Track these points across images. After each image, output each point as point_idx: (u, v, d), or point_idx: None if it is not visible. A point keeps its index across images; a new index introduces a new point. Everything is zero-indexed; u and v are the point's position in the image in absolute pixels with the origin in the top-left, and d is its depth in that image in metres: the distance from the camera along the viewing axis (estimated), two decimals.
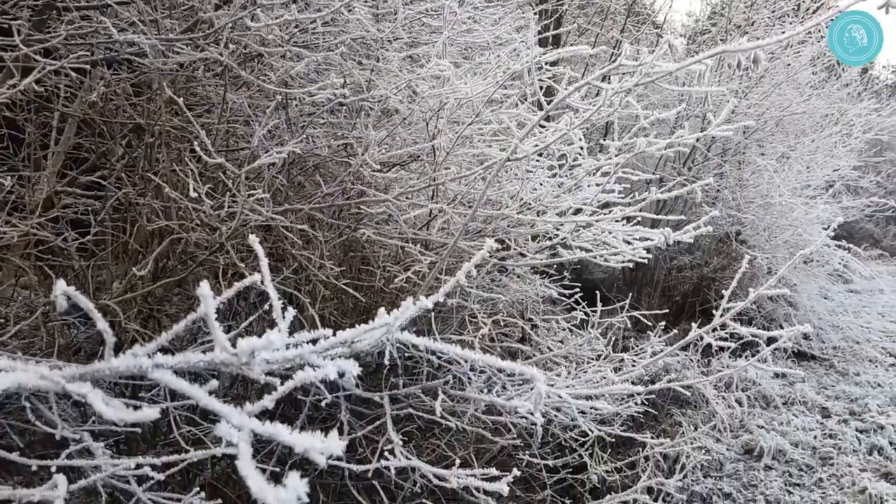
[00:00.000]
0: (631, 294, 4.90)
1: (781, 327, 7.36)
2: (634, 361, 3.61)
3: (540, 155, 3.43)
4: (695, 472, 5.14)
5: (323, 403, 2.57)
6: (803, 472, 5.10)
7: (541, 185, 3.30)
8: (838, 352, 7.85)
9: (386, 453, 2.37)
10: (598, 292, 4.10)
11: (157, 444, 2.89)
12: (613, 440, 4.27)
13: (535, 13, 6.15)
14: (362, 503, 2.88)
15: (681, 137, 3.29)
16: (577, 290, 4.31)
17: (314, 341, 1.31)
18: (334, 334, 1.32)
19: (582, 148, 3.24)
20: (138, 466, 1.71)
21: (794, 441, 5.53)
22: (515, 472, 2.05)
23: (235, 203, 2.56)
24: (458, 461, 2.35)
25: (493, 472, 2.12)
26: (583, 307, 4.24)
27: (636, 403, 4.29)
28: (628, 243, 3.15)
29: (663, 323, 4.22)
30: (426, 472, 2.27)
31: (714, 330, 3.13)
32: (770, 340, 3.78)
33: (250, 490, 0.81)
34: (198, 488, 2.03)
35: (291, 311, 1.41)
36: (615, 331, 4.64)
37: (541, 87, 3.24)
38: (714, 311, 3.08)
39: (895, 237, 16.66)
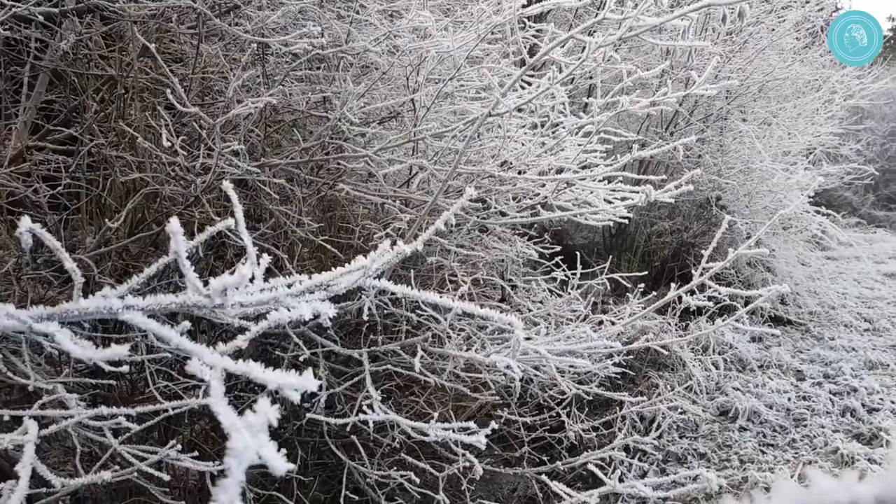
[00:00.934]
0: (611, 259, 4.91)
1: (759, 296, 7.43)
2: (613, 322, 3.63)
3: (520, 111, 3.40)
4: (671, 433, 5.22)
5: (301, 360, 2.56)
6: (777, 432, 5.19)
7: (522, 144, 3.27)
8: (814, 317, 7.96)
9: (365, 408, 2.37)
10: (578, 254, 4.10)
11: (135, 401, 2.87)
12: (591, 399, 4.32)
13: None
14: (342, 459, 2.89)
15: (664, 96, 3.27)
16: (558, 252, 4.32)
17: (290, 286, 1.29)
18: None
19: (564, 104, 3.20)
20: (113, 417, 1.69)
21: (768, 403, 5.62)
22: (494, 425, 2.06)
23: (211, 157, 2.51)
24: (436, 417, 2.36)
25: (472, 426, 2.13)
26: (563, 269, 4.25)
27: (614, 364, 4.33)
28: (609, 202, 3.14)
29: (642, 285, 4.25)
30: (405, 427, 2.28)
31: (692, 293, 3.15)
32: (747, 302, 3.82)
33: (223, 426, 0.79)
34: (174, 441, 2.01)
35: (267, 258, 1.39)
36: (595, 293, 4.66)
37: (525, 46, 3.20)
38: (693, 276, 3.09)
39: (873, 206, 16.84)
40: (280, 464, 0.70)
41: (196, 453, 2.02)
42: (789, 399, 5.72)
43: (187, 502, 2.81)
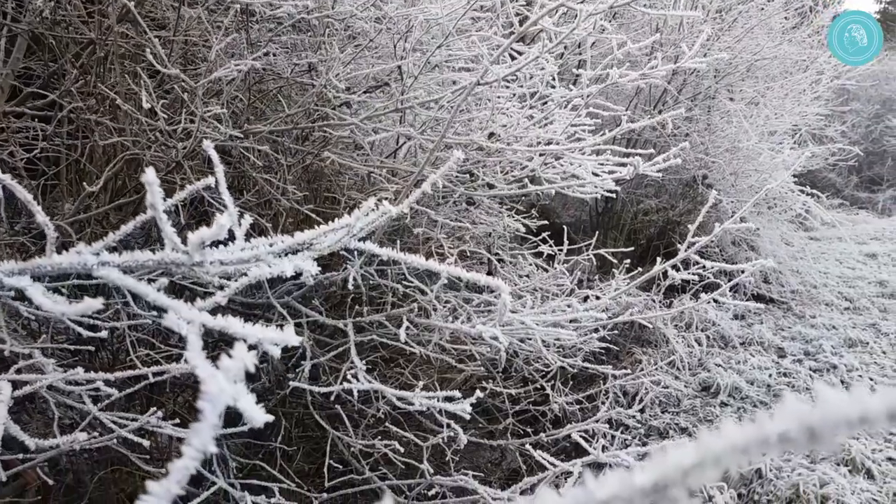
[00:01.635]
0: (597, 236, 4.91)
1: (742, 271, 7.48)
2: (598, 297, 3.63)
3: (509, 83, 3.36)
4: (653, 408, 5.26)
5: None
6: (757, 407, 5.24)
7: (510, 116, 3.23)
8: (796, 295, 8.03)
9: (350, 377, 2.35)
10: (565, 228, 4.09)
11: (115, 370, 2.84)
12: (575, 374, 4.33)
13: None
14: (326, 430, 2.88)
15: (654, 69, 3.24)
16: (545, 229, 4.31)
17: (271, 245, 1.26)
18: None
19: (553, 76, 3.17)
20: (90, 383, 1.66)
21: (749, 379, 5.67)
22: (479, 394, 2.05)
23: (193, 122, 2.46)
24: (421, 388, 2.35)
25: (457, 394, 2.12)
26: (550, 245, 4.25)
27: (599, 339, 4.34)
28: (596, 175, 3.12)
29: (628, 261, 4.25)
30: (390, 397, 2.26)
31: (677, 268, 3.15)
32: (731, 279, 3.83)
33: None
34: (155, 409, 1.99)
35: (248, 219, 1.35)
36: (581, 269, 4.66)
37: (516, 16, 3.15)
38: (679, 253, 3.10)
39: (856, 187, 16.95)
40: (258, 415, 0.68)
41: (178, 420, 2.00)
42: (770, 375, 5.77)
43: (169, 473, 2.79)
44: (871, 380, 5.62)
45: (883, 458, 4.29)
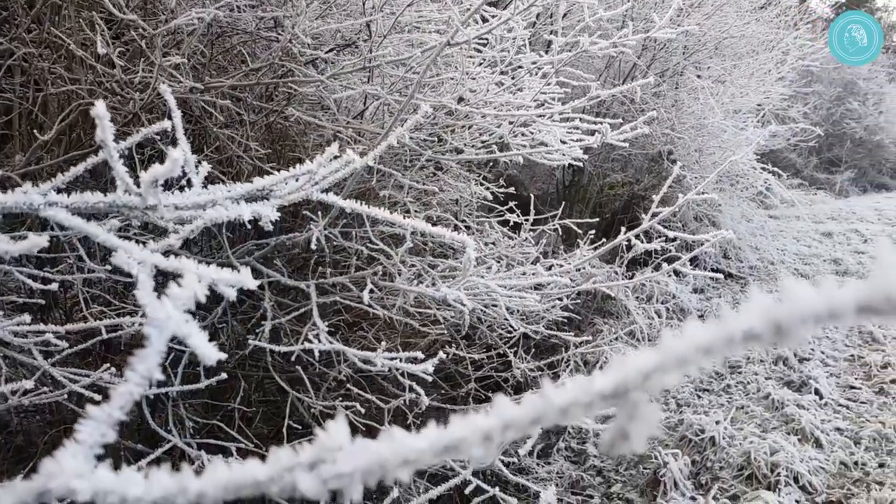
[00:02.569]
0: (564, 207, 4.92)
1: (702, 242, 7.60)
2: (563, 266, 3.64)
3: (480, 51, 3.31)
4: None
5: (245, 289, 2.49)
6: (713, 379, 5.36)
7: (480, 80, 3.19)
8: (754, 271, 8.20)
9: (311, 337, 2.33)
10: (532, 197, 4.08)
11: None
12: (537, 342, 4.36)
13: None
14: (287, 393, 2.85)
15: (624, 38, 3.23)
16: (512, 199, 4.30)
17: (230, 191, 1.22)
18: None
19: (524, 42, 3.14)
20: (40, 335, 1.60)
21: None
22: (441, 354, 2.04)
23: (151, 73, 2.37)
24: (383, 348, 2.33)
25: (419, 356, 2.11)
26: (517, 214, 4.25)
27: (561, 308, 4.37)
28: (564, 143, 3.11)
29: (593, 232, 4.27)
30: (351, 357, 2.24)
31: (639, 238, 3.17)
32: (692, 250, 3.87)
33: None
34: (108, 365, 1.94)
35: (207, 166, 1.31)
36: (547, 239, 4.68)
37: None
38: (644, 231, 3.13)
39: (815, 168, 17.27)
40: (211, 352, 0.66)
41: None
42: None
43: (124, 434, 2.74)
44: (824, 353, 5.78)
45: (831, 428, 4.42)
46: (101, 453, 0.47)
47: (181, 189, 1.20)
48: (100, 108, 0.90)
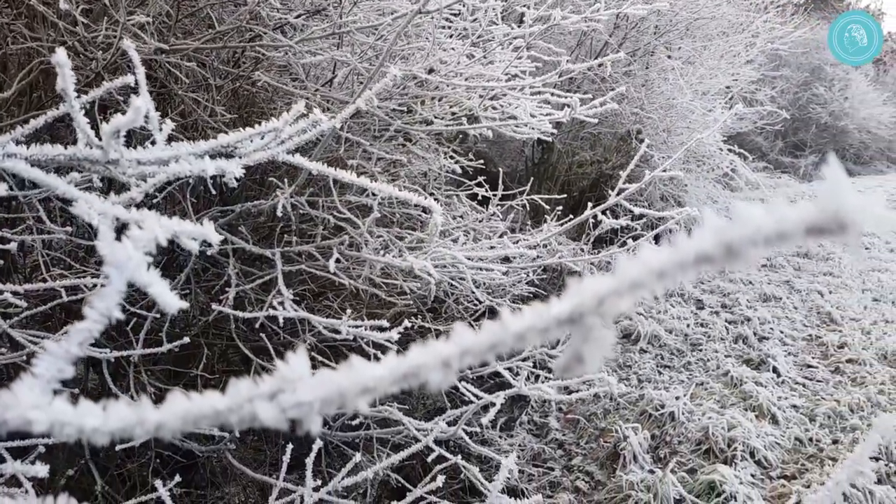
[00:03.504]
0: (532, 183, 4.95)
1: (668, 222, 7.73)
2: (529, 240, 3.67)
3: (452, 22, 3.29)
4: None
5: (209, 253, 2.47)
6: (674, 355, 5.46)
7: (452, 49, 3.18)
8: None
9: (276, 305, 2.32)
10: (500, 171, 4.09)
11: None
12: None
13: None
14: (250, 360, 2.84)
15: (596, 13, 3.23)
16: (481, 174, 4.31)
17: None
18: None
19: (497, 14, 3.12)
20: None
21: (668, 328, 5.89)
22: (407, 323, 2.05)
23: (115, 31, 2.32)
24: (349, 316, 2.33)
25: (385, 324, 2.11)
26: (485, 189, 4.26)
27: (527, 283, 4.41)
28: (534, 117, 3.12)
29: (560, 207, 4.30)
30: (316, 325, 2.24)
31: (605, 213, 3.21)
32: (656, 230, 3.92)
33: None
34: (68, 329, 1.91)
35: (170, 124, 1.29)
36: (515, 214, 4.70)
37: None
38: (611, 208, 3.16)
39: (780, 152, 17.56)
40: (172, 300, 0.65)
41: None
42: (688, 325, 6.01)
43: (85, 395, 2.71)
44: (782, 332, 5.92)
45: (788, 405, 4.55)
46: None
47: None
48: (61, 56, 0.88)
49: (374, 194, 2.95)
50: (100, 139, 1.06)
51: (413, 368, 0.37)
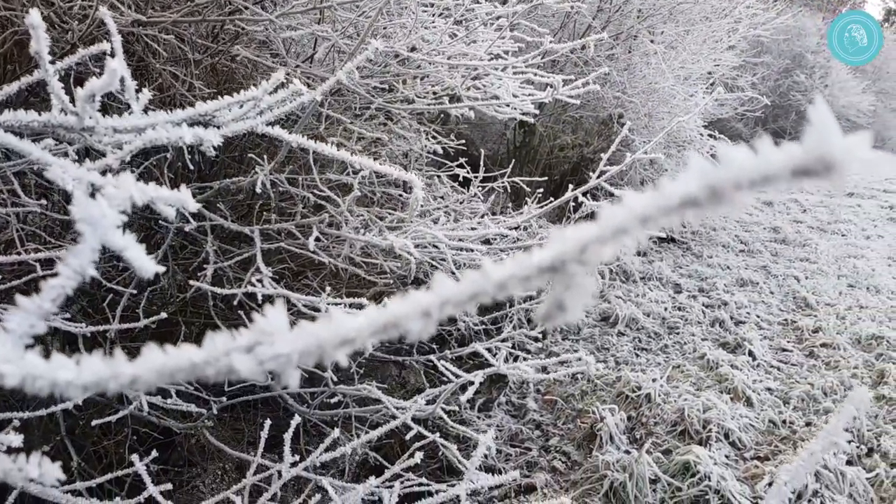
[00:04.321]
0: (513, 165, 4.94)
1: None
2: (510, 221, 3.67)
3: (434, 2, 3.27)
4: (554, 335, 5.44)
5: (186, 230, 2.44)
6: (651, 338, 5.51)
7: (435, 27, 3.15)
8: (696, 236, 8.41)
9: (254, 282, 2.30)
10: (482, 152, 4.08)
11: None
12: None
13: None
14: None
15: None
16: (462, 156, 4.29)
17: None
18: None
19: None
20: None
21: (646, 311, 5.94)
22: (386, 300, 2.04)
23: (92, 3, 2.27)
24: (328, 293, 2.32)
25: (364, 302, 2.11)
26: (466, 171, 4.25)
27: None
28: (516, 98, 3.11)
29: (541, 190, 4.30)
30: (296, 303, 2.23)
31: (586, 195, 3.22)
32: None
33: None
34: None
35: (147, 93, 1.27)
36: (496, 196, 4.70)
37: None
38: (591, 192, 3.17)
39: (761, 138, 17.68)
40: (148, 264, 0.64)
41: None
42: (665, 309, 6.06)
43: None
44: (759, 317, 5.99)
45: (762, 388, 4.61)
46: None
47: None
48: (35, 18, 0.86)
49: (354, 171, 2.93)
50: (75, 106, 1.04)
51: (393, 318, 0.37)
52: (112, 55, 1.21)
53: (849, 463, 3.64)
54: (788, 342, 5.48)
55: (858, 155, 0.28)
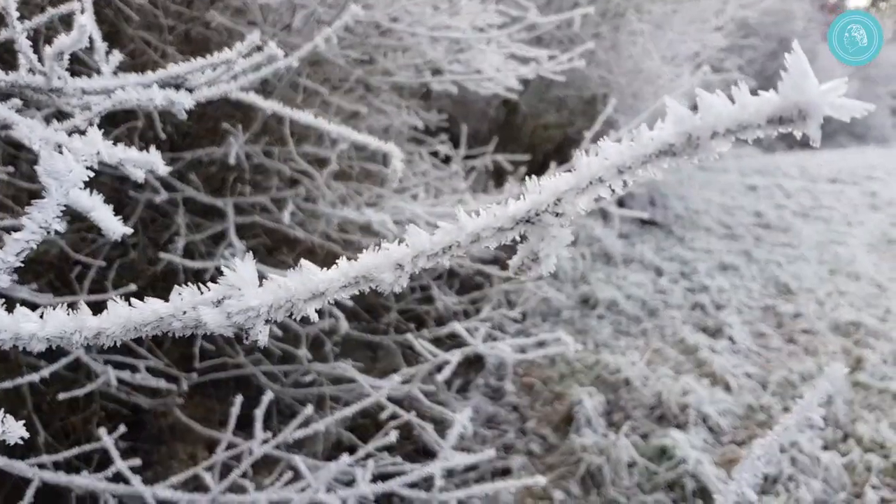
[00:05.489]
0: (496, 142, 4.88)
1: (632, 192, 7.78)
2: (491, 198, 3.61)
3: None
4: (534, 317, 5.41)
5: (157, 201, 2.35)
6: (632, 321, 5.50)
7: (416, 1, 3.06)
8: (679, 220, 8.40)
9: (227, 255, 2.22)
10: (464, 127, 4.01)
11: None
12: (462, 278, 4.36)
13: None
14: None
15: None
16: (445, 130, 4.23)
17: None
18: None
19: None
20: None
21: (627, 294, 5.92)
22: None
23: None
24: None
25: None
26: (448, 147, 4.19)
27: (486, 247, 4.35)
28: (499, 72, 3.04)
29: (524, 168, 4.24)
30: (269, 277, 2.16)
31: (569, 172, 3.15)
32: (619, 202, 3.84)
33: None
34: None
35: (118, 55, 1.19)
36: (478, 175, 4.63)
37: None
38: (574, 170, 3.11)
39: None
40: (116, 226, 0.60)
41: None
42: (646, 292, 6.05)
43: None
44: (740, 301, 5.99)
45: (741, 372, 4.61)
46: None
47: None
48: None
49: (332, 142, 2.85)
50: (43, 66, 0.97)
51: (365, 270, 0.34)
52: (82, 12, 1.14)
53: (824, 448, 3.65)
54: (769, 327, 5.48)
55: (833, 100, 0.27)
